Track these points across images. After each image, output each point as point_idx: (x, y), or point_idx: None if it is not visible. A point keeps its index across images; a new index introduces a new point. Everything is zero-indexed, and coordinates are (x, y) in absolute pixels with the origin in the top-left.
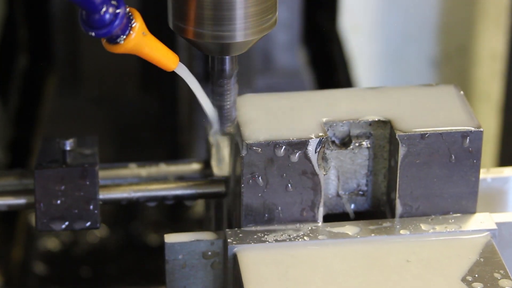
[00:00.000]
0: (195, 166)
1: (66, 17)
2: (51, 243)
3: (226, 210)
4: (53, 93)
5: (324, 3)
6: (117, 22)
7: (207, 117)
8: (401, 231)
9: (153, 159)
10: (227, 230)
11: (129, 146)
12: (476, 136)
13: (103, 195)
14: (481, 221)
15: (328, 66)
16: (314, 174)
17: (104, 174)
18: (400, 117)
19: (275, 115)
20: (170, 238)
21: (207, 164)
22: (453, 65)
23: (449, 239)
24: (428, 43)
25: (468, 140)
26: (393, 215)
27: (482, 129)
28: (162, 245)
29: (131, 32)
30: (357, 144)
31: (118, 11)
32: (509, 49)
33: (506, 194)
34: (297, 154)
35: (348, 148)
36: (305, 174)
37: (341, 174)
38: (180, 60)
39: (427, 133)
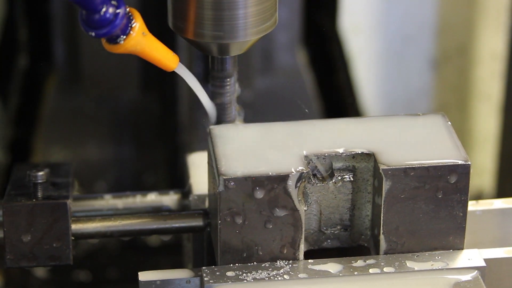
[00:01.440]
0: (172, 197)
1: (66, 17)
2: None
3: (206, 242)
4: (53, 93)
5: (324, 3)
6: (117, 22)
7: (207, 117)
8: (386, 269)
9: (154, 159)
10: (203, 268)
11: (129, 146)
12: (464, 170)
13: (75, 230)
14: (469, 258)
15: (328, 66)
16: (295, 209)
17: (78, 205)
18: (384, 149)
19: (253, 148)
20: (145, 276)
21: (185, 195)
22: (453, 65)
23: (435, 277)
24: (428, 43)
25: (455, 174)
26: (377, 251)
27: (469, 163)
28: (162, 244)
29: (131, 32)
30: (339, 178)
31: (118, 11)
32: (509, 49)
33: (496, 226)
34: (277, 189)
35: (331, 182)
36: (285, 210)
37: (323, 209)
38: (180, 60)
39: (412, 167)
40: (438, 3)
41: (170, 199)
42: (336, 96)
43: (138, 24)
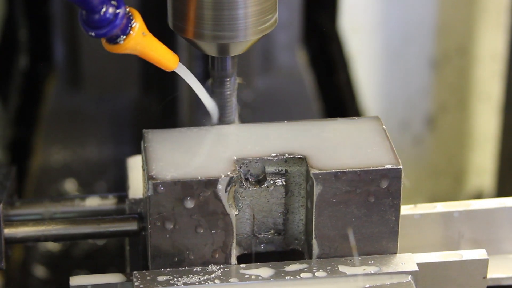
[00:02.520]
0: (112, 201)
1: (66, 17)
2: (51, 244)
3: (142, 246)
4: (53, 93)
5: (324, 3)
6: (117, 22)
7: (208, 117)
8: (318, 273)
9: None
10: (134, 272)
11: (129, 146)
12: (395, 174)
13: (8, 234)
14: (402, 262)
15: (328, 66)
16: (225, 214)
17: (14, 210)
18: (316, 153)
19: (184, 152)
20: (76, 280)
21: (121, 199)
22: (453, 65)
23: (367, 281)
24: (428, 43)
25: (386, 178)
26: (311, 256)
27: (401, 167)
28: None
29: (131, 32)
30: (271, 182)
31: (118, 11)
32: (509, 49)
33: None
34: (207, 193)
35: (263, 186)
36: (215, 214)
37: (256, 213)
38: (180, 60)
39: (343, 171)
40: (438, 3)
41: (109, 203)
42: (336, 96)
43: (138, 24)
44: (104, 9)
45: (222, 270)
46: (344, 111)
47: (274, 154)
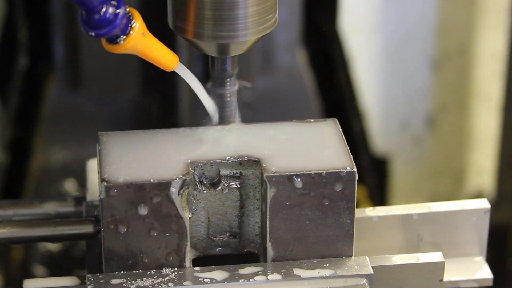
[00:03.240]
0: (68, 204)
1: (66, 17)
2: (52, 244)
3: (99, 249)
4: (53, 93)
5: (324, 3)
6: (117, 22)
7: (208, 117)
8: (272, 276)
9: None
10: (88, 275)
11: None
12: (349, 177)
13: None
14: (357, 265)
15: (328, 66)
16: (179, 217)
17: None
18: (271, 156)
19: (138, 155)
20: (30, 283)
21: (80, 201)
22: (453, 65)
23: (322, 284)
24: (428, 43)
25: (340, 181)
26: (266, 259)
27: (355, 170)
28: None
29: (131, 32)
30: (226, 185)
31: (118, 11)
32: (509, 49)
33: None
34: (160, 196)
35: (218, 189)
36: (169, 217)
37: (211, 216)
38: (180, 60)
39: (296, 174)
40: (438, 3)
41: (68, 205)
42: (336, 96)
43: (138, 24)
44: (104, 9)
45: (176, 273)
46: (344, 111)
47: (229, 157)
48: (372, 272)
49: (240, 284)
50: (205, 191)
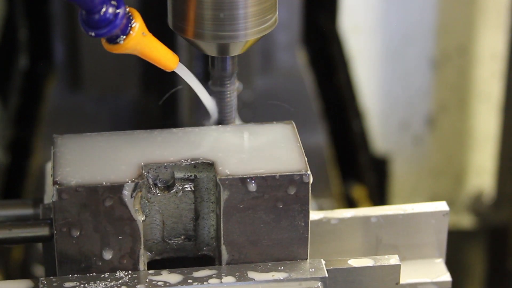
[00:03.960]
0: (27, 206)
1: (66, 17)
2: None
3: (54, 252)
4: (53, 93)
5: (324, 3)
6: (117, 22)
7: (208, 117)
8: (226, 279)
9: None
10: (41, 278)
11: None
12: (303, 180)
13: None
14: (312, 268)
15: (328, 66)
16: (132, 220)
17: None
18: (225, 159)
19: (92, 158)
20: None
21: (37, 203)
22: (453, 65)
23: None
24: (428, 43)
25: (294, 184)
26: (221, 262)
27: (309, 173)
28: None
29: (131, 32)
30: (180, 188)
31: (118, 11)
32: (509, 49)
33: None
34: (112, 199)
35: (172, 191)
36: (121, 220)
37: (166, 219)
38: (180, 60)
39: (250, 177)
40: (438, 3)
41: (27, 208)
42: (336, 96)
43: (138, 24)
44: (104, 9)
45: (130, 276)
46: (344, 111)
47: (183, 160)
48: (327, 275)
49: (193, 287)
50: (159, 194)
